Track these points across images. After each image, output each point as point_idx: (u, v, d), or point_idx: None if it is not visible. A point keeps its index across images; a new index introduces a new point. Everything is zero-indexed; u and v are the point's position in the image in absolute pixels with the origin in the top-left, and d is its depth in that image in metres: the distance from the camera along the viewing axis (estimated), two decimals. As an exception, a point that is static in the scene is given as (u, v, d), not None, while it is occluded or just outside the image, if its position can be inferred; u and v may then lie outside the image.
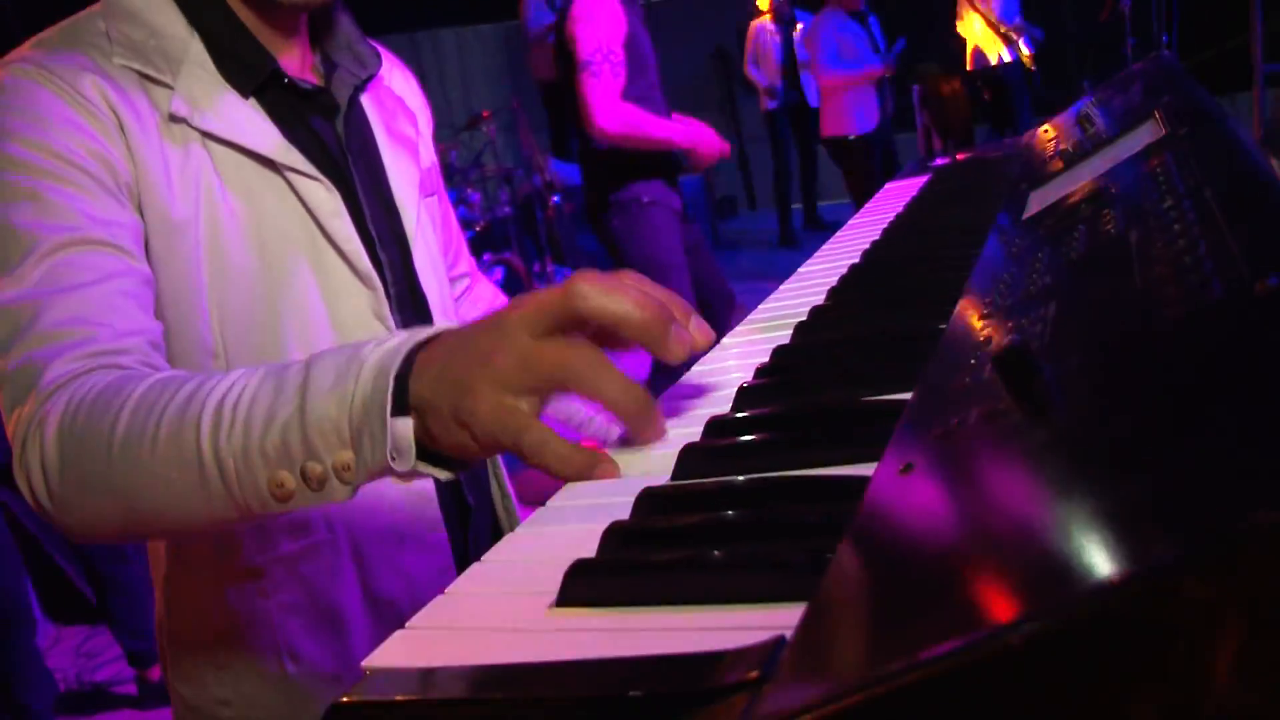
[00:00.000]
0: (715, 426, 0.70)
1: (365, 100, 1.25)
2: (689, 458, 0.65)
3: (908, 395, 0.64)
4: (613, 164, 3.55)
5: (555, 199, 6.81)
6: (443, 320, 1.25)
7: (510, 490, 1.39)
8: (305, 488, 0.76)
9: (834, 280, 1.03)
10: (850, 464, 0.60)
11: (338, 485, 0.75)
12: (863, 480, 0.54)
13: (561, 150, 9.41)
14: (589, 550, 0.55)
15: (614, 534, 0.56)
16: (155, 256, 1.03)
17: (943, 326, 0.74)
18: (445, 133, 9.12)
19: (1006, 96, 7.76)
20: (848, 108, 6.09)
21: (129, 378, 0.86)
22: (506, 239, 6.35)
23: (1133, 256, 0.59)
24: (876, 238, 1.20)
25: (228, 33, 1.11)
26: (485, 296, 1.55)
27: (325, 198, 1.11)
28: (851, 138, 6.12)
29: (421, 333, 0.75)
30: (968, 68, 7.79)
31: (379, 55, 1.28)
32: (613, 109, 3.34)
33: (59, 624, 4.06)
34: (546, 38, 9.33)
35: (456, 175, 6.32)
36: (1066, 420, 0.45)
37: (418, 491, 1.16)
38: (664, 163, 3.57)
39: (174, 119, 1.04)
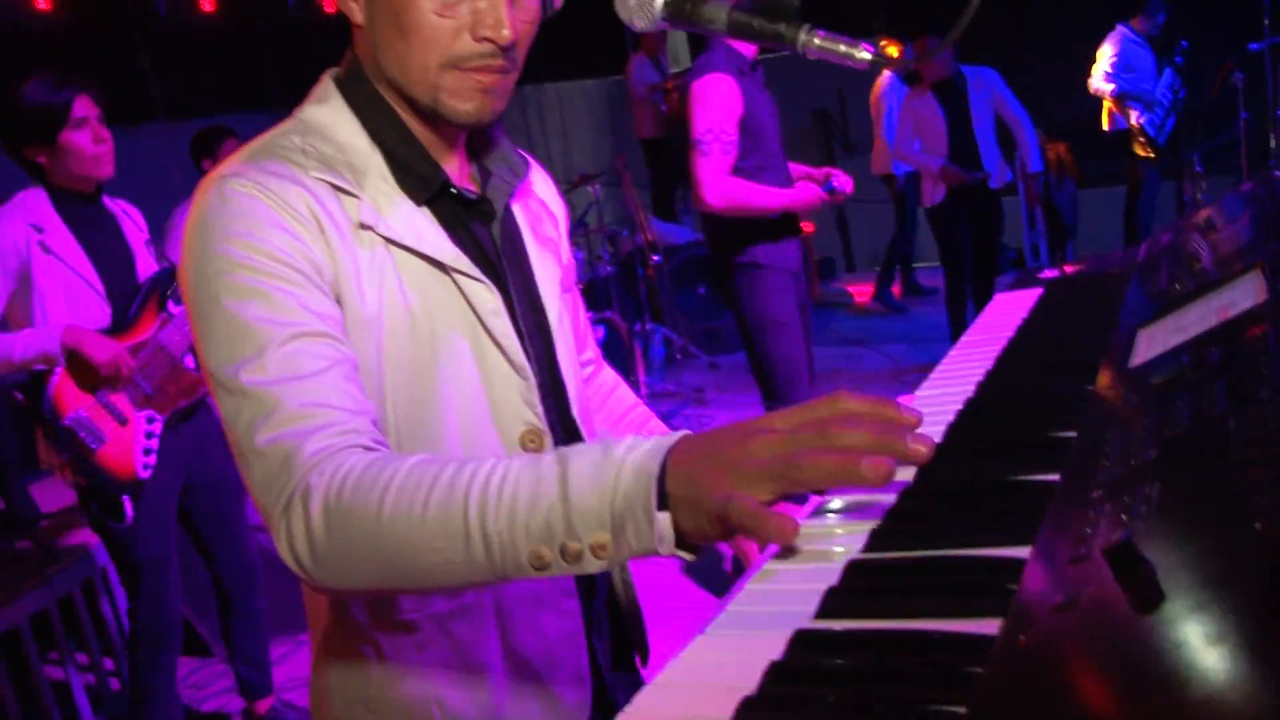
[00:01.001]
0: (853, 570, 0.80)
1: (515, 206, 1.38)
2: (830, 602, 0.75)
3: (1025, 552, 0.73)
4: (731, 229, 3.80)
5: (656, 258, 6.95)
6: (579, 411, 1.38)
7: (629, 566, 1.51)
8: (561, 560, 0.90)
9: (950, 415, 1.12)
10: (970, 618, 0.69)
11: (591, 560, 0.89)
12: (985, 639, 0.63)
13: (663, 209, 9.59)
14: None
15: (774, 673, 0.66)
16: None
17: (1054, 480, 0.83)
18: (550, 189, 9.35)
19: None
20: (925, 181, 6.11)
21: (386, 459, 1.00)
22: (608, 297, 6.50)
23: (1231, 447, 0.67)
24: (990, 366, 1.29)
25: (403, 146, 1.25)
26: (608, 381, 1.68)
27: (487, 297, 1.25)
28: (927, 208, 6.13)
29: (670, 438, 0.90)
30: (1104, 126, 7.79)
31: (527, 163, 1.41)
32: (719, 186, 3.59)
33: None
34: (651, 97, 9.56)
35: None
36: (1169, 614, 0.54)
37: None
38: (778, 224, 3.77)
39: (363, 226, 1.19)
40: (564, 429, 1.35)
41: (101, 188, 3.11)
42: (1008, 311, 1.60)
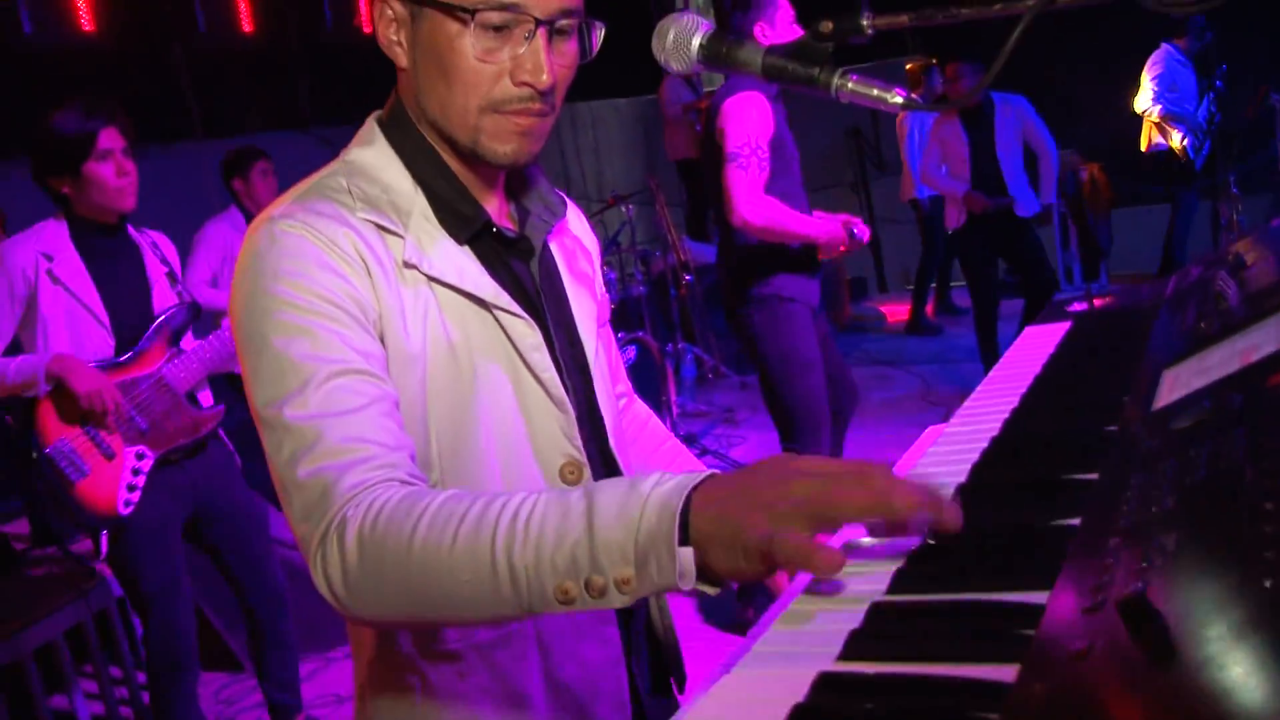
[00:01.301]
0: (876, 612, 0.82)
1: (553, 243, 1.42)
2: (853, 644, 0.77)
3: (1044, 598, 0.75)
4: (755, 258, 3.69)
5: (688, 278, 6.98)
6: (616, 442, 1.41)
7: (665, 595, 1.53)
8: (586, 595, 0.93)
9: (975, 454, 1.14)
10: (989, 664, 0.71)
11: (615, 595, 0.92)
12: (1003, 686, 0.65)
13: (696, 230, 9.62)
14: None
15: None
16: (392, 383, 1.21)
17: (1075, 524, 0.85)
18: (580, 208, 9.40)
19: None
20: (949, 205, 6.11)
21: (419, 494, 1.04)
22: (640, 317, 6.53)
23: (1246, 500, 0.69)
24: (1016, 404, 1.31)
25: (445, 187, 1.29)
26: (641, 414, 1.71)
27: (527, 332, 1.28)
28: (952, 231, 6.12)
29: (695, 476, 0.92)
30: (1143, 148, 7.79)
31: (564, 202, 1.45)
32: (757, 201, 3.48)
33: (201, 668, 4.31)
34: (685, 116, 9.60)
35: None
36: (1180, 667, 0.56)
37: None
38: (804, 258, 3.68)
39: (407, 265, 1.23)
40: (603, 460, 1.39)
41: (125, 218, 3.14)
42: (1036, 345, 1.62)
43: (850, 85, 1.14)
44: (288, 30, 7.71)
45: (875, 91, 1.14)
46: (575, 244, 1.49)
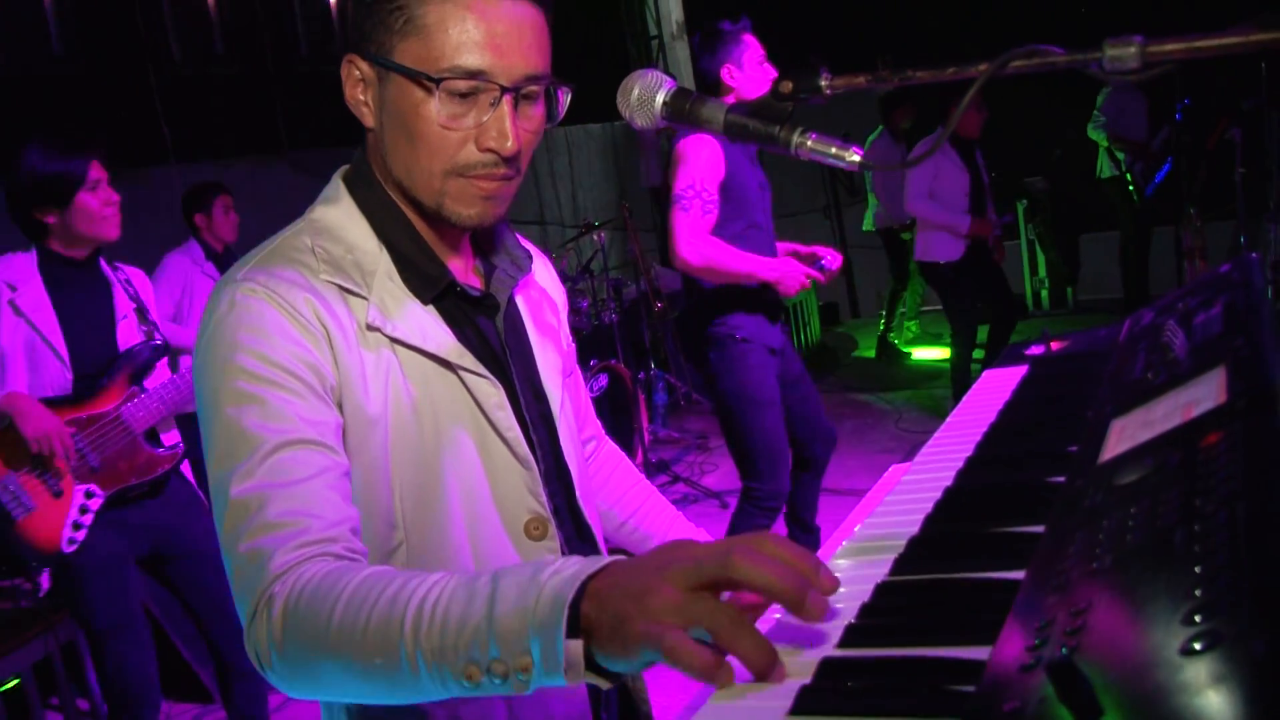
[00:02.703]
0: (828, 668, 0.85)
1: (518, 296, 1.44)
2: (804, 700, 0.80)
3: (986, 654, 0.79)
4: (713, 297, 3.73)
5: (660, 305, 7.03)
6: (582, 494, 1.43)
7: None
8: (490, 680, 0.93)
9: (928, 505, 1.18)
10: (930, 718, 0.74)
11: (517, 681, 0.92)
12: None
13: (668, 255, 9.66)
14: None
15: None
16: (352, 447, 1.23)
17: (1019, 578, 0.89)
18: (555, 234, 9.44)
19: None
20: (935, 238, 6.16)
21: (341, 572, 1.05)
22: (612, 345, 6.56)
23: (1172, 565, 0.73)
24: (970, 453, 1.35)
25: (410, 246, 1.31)
26: (611, 456, 1.73)
27: (491, 392, 1.30)
28: (941, 263, 6.19)
29: (594, 564, 0.93)
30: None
31: (530, 255, 1.47)
32: (695, 242, 3.54)
33: (171, 700, 4.30)
34: (659, 143, 9.67)
35: (566, 283, 6.56)
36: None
37: None
38: (761, 299, 3.73)
39: (370, 328, 1.24)
40: (569, 512, 1.41)
41: (98, 253, 3.15)
42: (993, 390, 1.66)
43: (810, 143, 1.18)
44: (262, 56, 7.73)
45: (833, 150, 1.18)
46: (541, 295, 1.51)
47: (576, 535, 1.41)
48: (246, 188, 5.21)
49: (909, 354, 8.79)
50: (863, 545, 1.14)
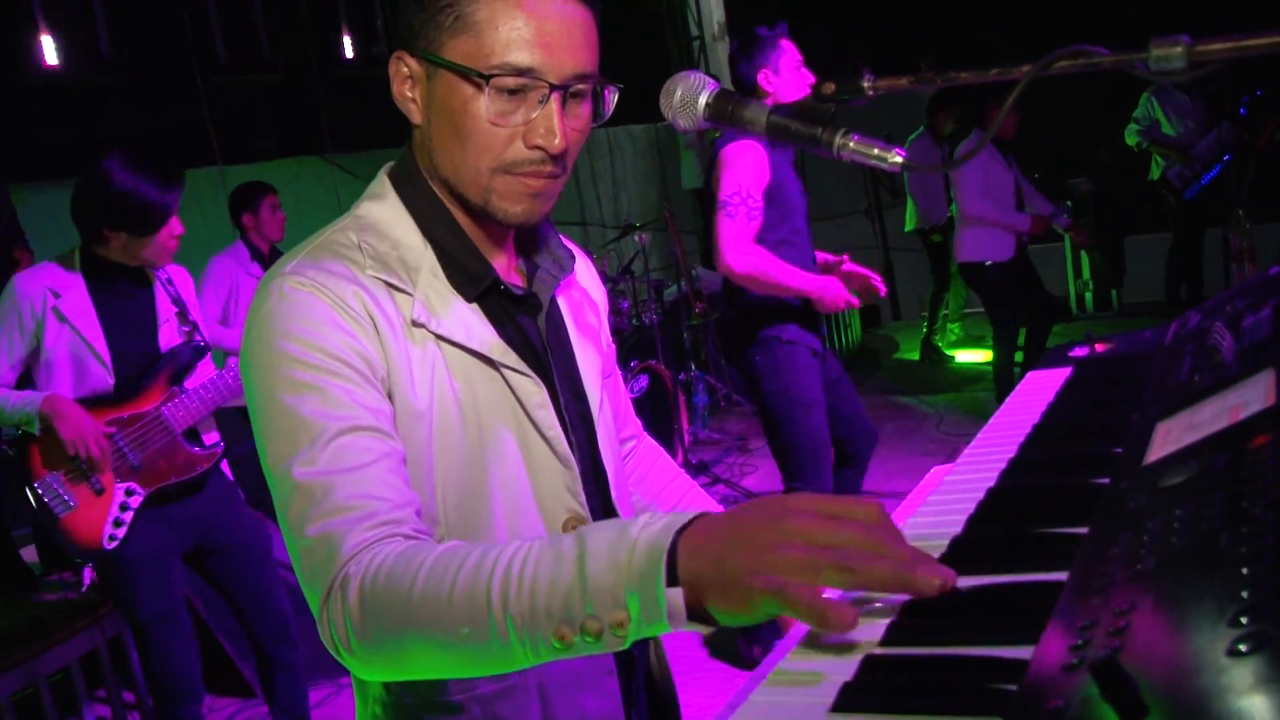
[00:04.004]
0: (870, 665, 0.85)
1: (560, 297, 1.45)
2: (846, 696, 0.81)
3: (1029, 653, 0.79)
4: (756, 301, 3.77)
5: (701, 306, 7.03)
6: (617, 494, 1.44)
7: (663, 643, 1.56)
8: (583, 640, 0.94)
9: (972, 506, 1.18)
10: (976, 718, 0.74)
11: (612, 637, 0.93)
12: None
13: (709, 258, 9.67)
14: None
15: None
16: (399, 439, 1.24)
17: (1063, 580, 0.88)
18: (596, 235, 9.46)
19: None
20: (985, 238, 6.14)
21: (418, 548, 1.06)
22: (653, 346, 6.57)
23: (1218, 566, 0.72)
24: (1014, 454, 1.34)
25: (454, 244, 1.32)
26: (650, 451, 1.74)
27: (533, 390, 1.31)
28: (988, 264, 6.16)
29: (683, 516, 0.94)
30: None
31: (573, 255, 1.48)
32: (742, 250, 3.57)
33: (213, 694, 4.36)
34: (700, 144, 9.67)
35: (608, 283, 6.58)
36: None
37: None
38: (802, 307, 3.76)
39: (415, 324, 1.25)
40: (604, 513, 1.41)
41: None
42: (1037, 391, 1.65)
43: (852, 145, 1.18)
44: (307, 58, 7.81)
45: (876, 151, 1.18)
46: (582, 296, 1.52)
47: None
48: (290, 190, 5.28)
49: (952, 356, 8.74)
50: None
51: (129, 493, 3.11)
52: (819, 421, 3.79)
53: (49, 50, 6.13)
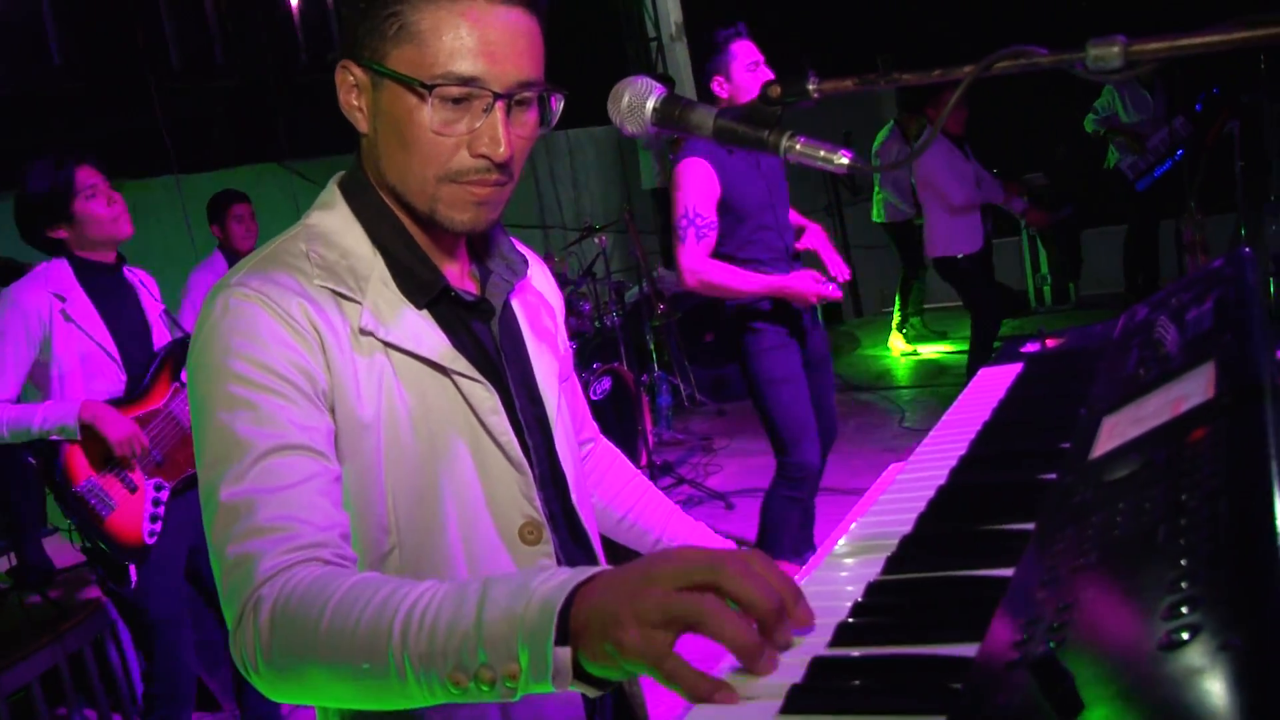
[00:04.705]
0: (819, 667, 0.86)
1: (514, 301, 1.45)
2: (794, 699, 0.81)
3: (974, 651, 0.79)
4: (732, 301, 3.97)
5: (663, 307, 7.04)
6: (577, 497, 1.44)
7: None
8: (477, 687, 0.94)
9: (922, 504, 1.19)
10: (918, 717, 0.75)
11: (504, 688, 0.93)
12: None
13: (671, 258, 9.67)
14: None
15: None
16: (345, 452, 1.24)
17: (1008, 575, 0.90)
18: (557, 238, 9.45)
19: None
20: (957, 230, 6.24)
21: (332, 576, 1.06)
22: (615, 348, 6.57)
23: (1156, 560, 0.74)
24: (964, 451, 1.36)
25: (404, 252, 1.32)
26: (607, 453, 1.74)
27: (485, 396, 1.31)
28: (960, 257, 6.27)
29: (584, 572, 0.93)
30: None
31: (526, 260, 1.48)
32: (694, 268, 3.78)
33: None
34: (660, 145, 9.67)
35: (569, 286, 6.57)
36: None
37: None
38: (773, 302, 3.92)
39: (363, 332, 1.25)
40: (564, 516, 1.41)
41: (123, 258, 3.23)
42: (988, 388, 1.67)
43: (798, 147, 1.19)
44: (262, 65, 7.74)
45: (822, 153, 1.18)
46: (538, 300, 1.52)
47: (571, 539, 1.42)
48: (250, 204, 5.24)
49: (915, 350, 8.81)
50: (857, 544, 1.14)
51: (158, 487, 3.17)
52: (789, 397, 3.96)
53: (-2, 59, 6.03)
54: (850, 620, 0.93)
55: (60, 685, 3.61)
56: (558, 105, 1.30)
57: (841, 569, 1.09)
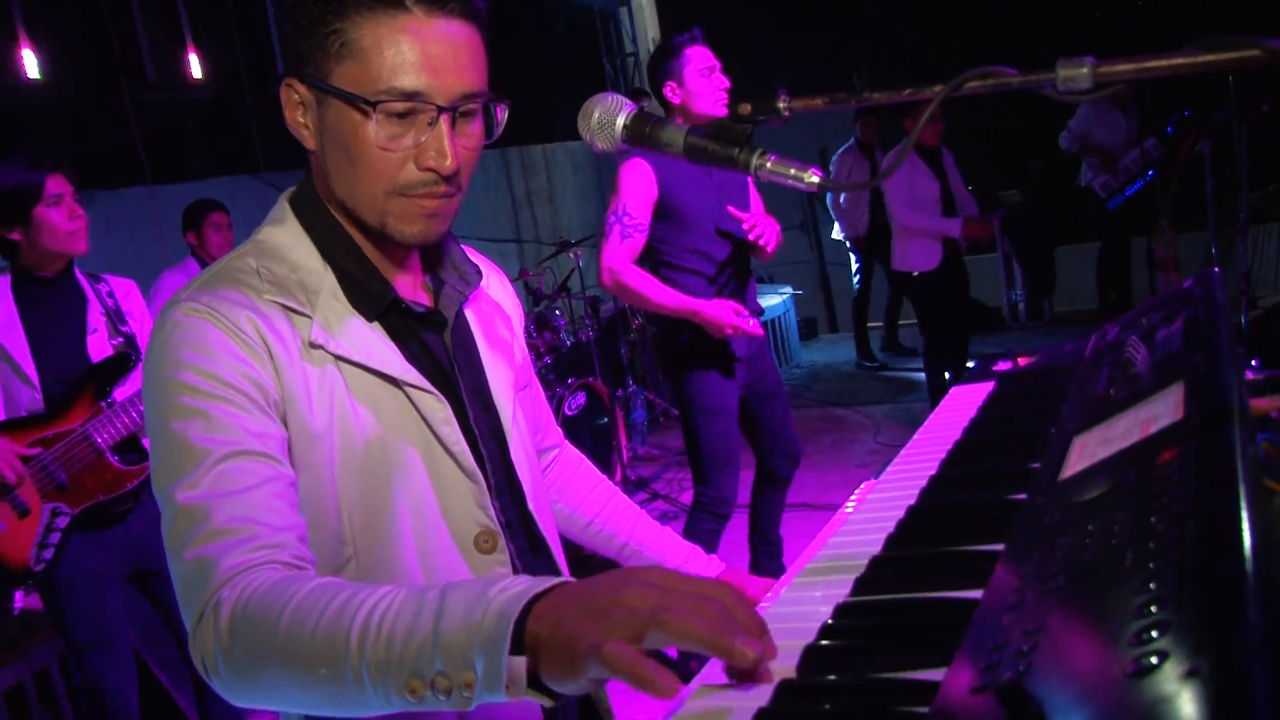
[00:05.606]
0: (786, 691, 0.85)
1: (468, 310, 1.45)
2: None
3: (942, 675, 0.79)
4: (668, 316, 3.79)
5: (638, 322, 7.02)
6: (535, 506, 1.43)
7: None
8: (433, 695, 0.93)
9: (891, 525, 1.18)
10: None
11: (460, 697, 0.92)
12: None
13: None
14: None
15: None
16: (298, 462, 1.24)
17: (977, 597, 0.89)
18: (532, 252, 9.44)
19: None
20: (912, 247, 6.18)
21: (292, 579, 1.06)
22: (590, 363, 6.56)
23: (1124, 584, 0.73)
24: (934, 471, 1.35)
25: (354, 265, 1.33)
26: (573, 459, 1.75)
27: (437, 407, 1.31)
28: (915, 275, 6.21)
29: (543, 583, 0.93)
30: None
31: (480, 271, 1.48)
32: (613, 267, 3.64)
33: (147, 724, 4.27)
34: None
35: (544, 301, 6.56)
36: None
37: None
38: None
39: (313, 345, 1.26)
40: (521, 524, 1.41)
41: (71, 267, 3.17)
42: (960, 407, 1.67)
43: (769, 165, 1.18)
44: (237, 76, 7.71)
45: (792, 171, 1.18)
46: (493, 309, 1.52)
47: (530, 548, 1.42)
48: (228, 214, 5.21)
49: (884, 364, 8.85)
50: (825, 565, 1.14)
51: (55, 513, 3.05)
52: (721, 429, 3.81)
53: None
54: (818, 643, 0.92)
55: (25, 704, 3.57)
56: (503, 115, 1.31)
57: (811, 590, 1.08)
